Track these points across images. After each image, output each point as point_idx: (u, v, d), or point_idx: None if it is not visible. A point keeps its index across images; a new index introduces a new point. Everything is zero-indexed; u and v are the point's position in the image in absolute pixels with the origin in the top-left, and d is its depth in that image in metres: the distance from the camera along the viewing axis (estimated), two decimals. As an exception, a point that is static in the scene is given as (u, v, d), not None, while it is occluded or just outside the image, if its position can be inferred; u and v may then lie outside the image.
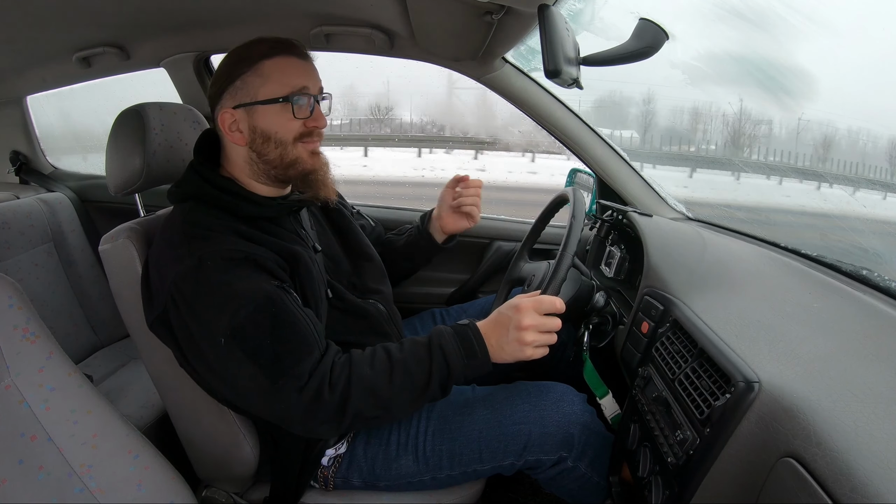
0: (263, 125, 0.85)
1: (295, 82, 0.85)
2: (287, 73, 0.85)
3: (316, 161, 0.90)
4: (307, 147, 0.89)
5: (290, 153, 0.87)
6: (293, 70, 0.86)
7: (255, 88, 0.85)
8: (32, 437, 0.69)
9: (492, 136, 6.75)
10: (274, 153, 0.87)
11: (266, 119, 0.85)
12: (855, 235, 1.18)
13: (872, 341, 0.70)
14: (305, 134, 0.88)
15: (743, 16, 2.99)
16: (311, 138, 0.89)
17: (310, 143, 0.89)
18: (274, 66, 0.85)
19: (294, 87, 0.85)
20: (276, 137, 0.86)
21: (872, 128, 3.13)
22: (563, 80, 0.76)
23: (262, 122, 0.85)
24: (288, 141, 0.86)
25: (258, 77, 0.84)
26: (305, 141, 0.88)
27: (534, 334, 0.81)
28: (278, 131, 0.86)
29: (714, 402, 0.65)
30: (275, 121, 0.85)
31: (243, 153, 0.88)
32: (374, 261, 1.13)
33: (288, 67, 0.85)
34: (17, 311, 0.73)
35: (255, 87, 0.85)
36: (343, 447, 0.96)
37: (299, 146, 0.88)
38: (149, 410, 1.31)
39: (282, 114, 0.85)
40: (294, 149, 0.87)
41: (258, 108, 0.85)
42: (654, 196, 1.44)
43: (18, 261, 1.48)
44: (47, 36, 1.27)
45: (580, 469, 0.93)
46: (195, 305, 0.76)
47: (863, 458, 0.48)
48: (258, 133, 0.86)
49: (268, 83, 0.84)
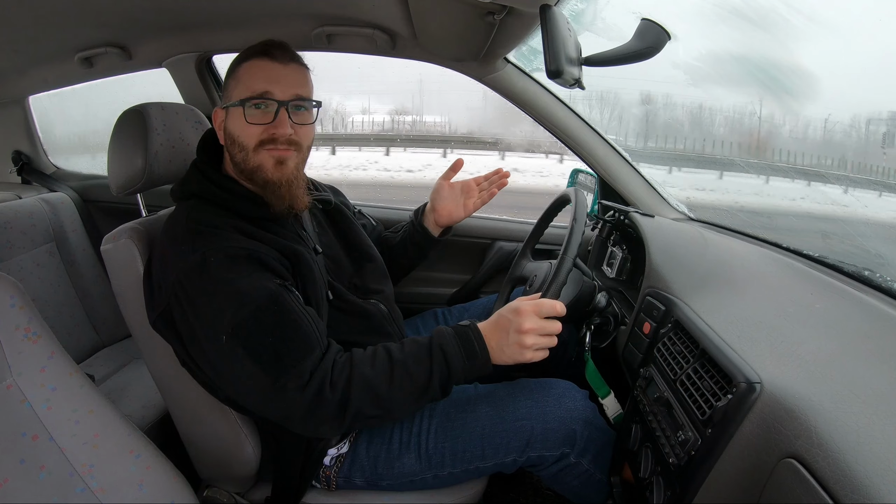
0: (230, 127, 0.87)
1: (256, 87, 0.84)
2: (253, 76, 0.85)
3: (279, 172, 0.86)
4: (272, 154, 0.85)
5: (251, 159, 0.86)
6: (260, 74, 0.84)
7: (230, 90, 0.87)
8: (34, 437, 0.69)
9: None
10: (239, 156, 0.87)
11: (232, 122, 0.86)
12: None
13: (874, 342, 0.70)
14: (268, 140, 0.85)
15: (745, 16, 2.98)
16: (276, 145, 0.85)
17: (274, 150, 0.85)
18: (246, 69, 0.86)
19: (254, 91, 0.83)
20: (238, 141, 0.86)
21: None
22: (564, 80, 0.76)
23: (230, 124, 0.87)
24: (249, 146, 0.85)
25: (234, 79, 0.87)
26: (269, 148, 0.85)
27: (534, 338, 0.81)
28: (240, 135, 0.86)
29: (716, 402, 0.65)
30: (237, 124, 0.86)
31: (227, 152, 0.90)
32: (376, 261, 1.13)
33: (256, 71, 0.85)
34: (18, 311, 0.73)
35: (230, 89, 0.87)
36: (345, 447, 0.96)
37: (262, 153, 0.85)
38: (150, 410, 1.31)
39: (241, 118, 0.85)
40: (256, 155, 0.85)
41: (230, 111, 0.86)
42: (655, 196, 1.44)
43: (20, 260, 1.48)
44: (49, 36, 1.28)
45: (583, 465, 0.93)
46: (198, 302, 0.77)
47: (864, 458, 0.48)
48: (227, 134, 0.87)
49: (238, 86, 0.86)
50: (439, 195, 1.19)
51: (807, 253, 1.03)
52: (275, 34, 1.13)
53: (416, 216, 1.23)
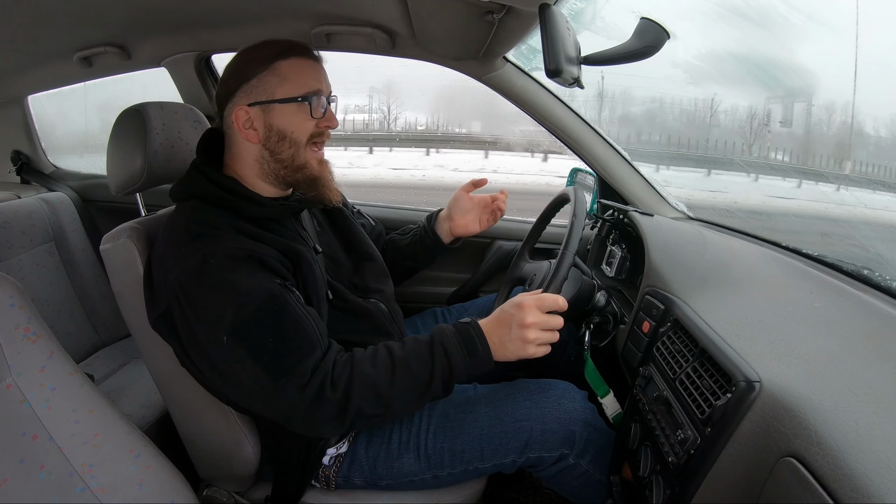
0: (280, 124, 0.87)
1: (311, 83, 0.88)
2: (303, 73, 0.87)
3: (323, 169, 0.93)
4: (315, 154, 0.91)
5: (301, 156, 0.89)
6: (309, 71, 0.88)
7: (272, 87, 0.86)
8: (34, 437, 0.69)
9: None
10: (287, 153, 0.88)
11: (283, 118, 0.87)
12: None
13: (874, 341, 0.70)
14: (317, 134, 0.90)
15: (744, 15, 2.98)
16: (321, 139, 0.92)
17: (317, 151, 0.92)
18: (291, 66, 0.87)
19: (310, 88, 0.87)
20: (291, 137, 0.87)
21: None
22: (564, 79, 0.76)
23: (279, 120, 0.87)
24: (302, 142, 0.88)
25: (275, 76, 0.86)
26: (314, 146, 0.91)
27: (536, 332, 0.81)
28: (294, 130, 0.87)
29: (715, 401, 0.65)
30: (292, 120, 0.87)
31: (255, 151, 0.89)
32: (376, 260, 1.13)
33: (304, 68, 0.88)
34: (18, 311, 0.73)
35: (272, 86, 0.86)
36: (344, 446, 0.96)
37: (309, 152, 0.90)
38: (150, 410, 1.31)
39: (298, 113, 0.87)
40: (305, 152, 0.89)
41: (276, 107, 0.86)
42: (654, 195, 1.44)
43: (20, 260, 1.48)
44: (48, 35, 1.27)
45: (582, 466, 0.93)
46: (198, 303, 0.77)
47: (864, 457, 0.48)
48: (274, 131, 0.87)
49: (285, 83, 0.86)
50: (459, 206, 1.19)
51: (806, 252, 1.03)
52: (274, 33, 1.13)
53: (429, 222, 1.23)
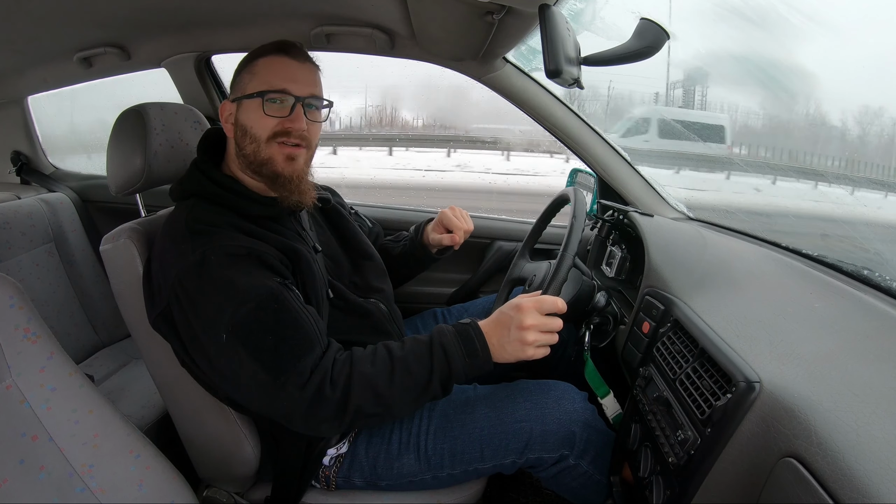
0: (242, 119, 0.88)
1: (276, 81, 0.86)
2: (273, 71, 0.87)
3: (289, 167, 0.88)
4: (283, 150, 0.87)
5: (262, 151, 0.87)
6: (279, 69, 0.87)
7: (244, 84, 0.88)
8: (33, 437, 0.69)
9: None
10: (249, 148, 0.88)
11: (246, 113, 0.87)
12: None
13: (873, 341, 0.70)
14: (281, 133, 0.87)
15: (744, 15, 2.98)
16: (289, 138, 0.87)
17: (286, 146, 0.87)
18: (264, 64, 0.88)
19: (273, 86, 0.86)
20: (251, 132, 0.87)
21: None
22: (563, 79, 0.76)
23: (243, 116, 0.88)
24: (261, 138, 0.87)
25: (249, 73, 0.88)
26: (281, 142, 0.87)
27: (535, 334, 0.81)
28: (253, 126, 0.87)
29: (715, 402, 0.65)
30: (251, 116, 0.87)
31: (232, 145, 0.91)
32: (374, 259, 1.13)
33: (276, 66, 0.87)
34: (18, 311, 0.73)
35: (245, 83, 0.88)
36: (344, 447, 0.96)
37: (274, 146, 0.87)
38: (150, 410, 1.31)
39: (257, 110, 0.86)
40: (267, 148, 0.87)
41: (243, 103, 0.88)
42: (654, 196, 1.44)
43: (19, 261, 1.48)
44: (48, 36, 1.27)
45: (582, 467, 0.93)
46: (198, 301, 0.77)
47: (864, 458, 0.48)
48: (239, 126, 0.88)
49: (254, 79, 0.87)
50: (442, 221, 1.18)
51: (806, 252, 1.03)
52: (274, 34, 1.13)
53: (416, 233, 1.22)
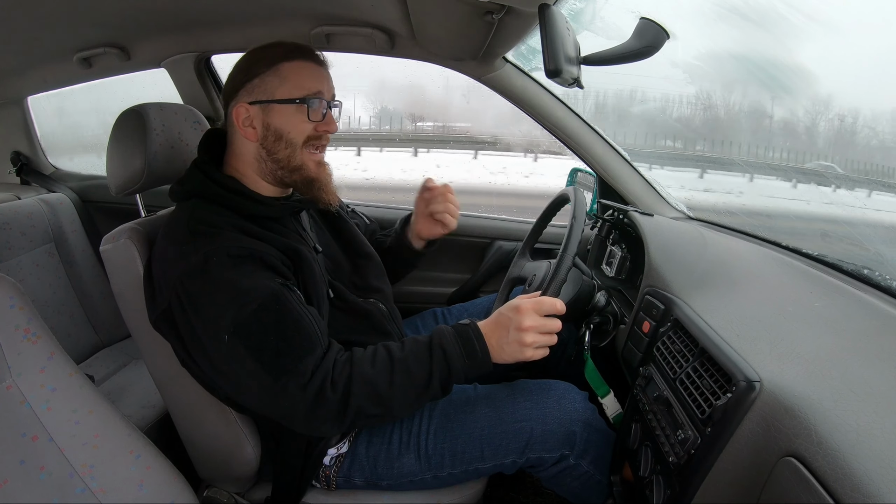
0: (277, 124, 0.87)
1: (311, 86, 0.88)
2: (304, 76, 0.88)
3: (320, 171, 0.92)
4: (313, 157, 0.91)
5: (297, 157, 0.89)
6: (310, 74, 0.88)
7: (272, 87, 0.87)
8: (34, 438, 0.69)
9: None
10: (283, 153, 0.88)
11: (281, 118, 0.87)
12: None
13: (874, 341, 0.70)
14: (315, 137, 0.89)
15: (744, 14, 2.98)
16: (320, 142, 0.91)
17: (316, 153, 0.91)
18: (292, 68, 0.87)
19: (310, 91, 0.87)
20: (287, 137, 0.88)
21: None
22: (563, 79, 0.76)
23: (277, 120, 0.87)
24: (298, 143, 0.88)
25: (276, 77, 0.87)
26: (312, 149, 0.90)
27: (534, 335, 0.81)
28: (290, 131, 0.88)
29: (715, 401, 0.65)
30: (289, 121, 0.87)
31: (253, 149, 0.89)
32: (373, 259, 1.12)
33: (305, 71, 0.88)
34: (18, 312, 0.73)
35: (272, 87, 0.87)
36: (345, 446, 0.96)
37: (306, 153, 0.89)
38: (150, 410, 1.31)
39: (296, 115, 0.87)
40: (302, 154, 0.89)
41: (274, 107, 0.87)
42: (654, 195, 1.44)
43: (19, 261, 1.48)
44: (48, 36, 1.27)
45: (582, 467, 0.93)
46: (200, 302, 0.77)
47: (864, 457, 0.48)
48: (271, 131, 0.88)
49: (285, 84, 0.87)
50: (417, 211, 1.16)
51: (806, 252, 1.03)
52: (274, 34, 1.13)
53: (401, 228, 1.21)
